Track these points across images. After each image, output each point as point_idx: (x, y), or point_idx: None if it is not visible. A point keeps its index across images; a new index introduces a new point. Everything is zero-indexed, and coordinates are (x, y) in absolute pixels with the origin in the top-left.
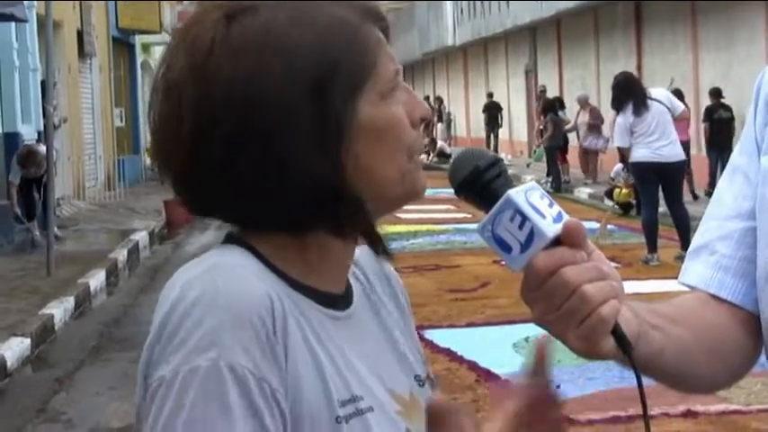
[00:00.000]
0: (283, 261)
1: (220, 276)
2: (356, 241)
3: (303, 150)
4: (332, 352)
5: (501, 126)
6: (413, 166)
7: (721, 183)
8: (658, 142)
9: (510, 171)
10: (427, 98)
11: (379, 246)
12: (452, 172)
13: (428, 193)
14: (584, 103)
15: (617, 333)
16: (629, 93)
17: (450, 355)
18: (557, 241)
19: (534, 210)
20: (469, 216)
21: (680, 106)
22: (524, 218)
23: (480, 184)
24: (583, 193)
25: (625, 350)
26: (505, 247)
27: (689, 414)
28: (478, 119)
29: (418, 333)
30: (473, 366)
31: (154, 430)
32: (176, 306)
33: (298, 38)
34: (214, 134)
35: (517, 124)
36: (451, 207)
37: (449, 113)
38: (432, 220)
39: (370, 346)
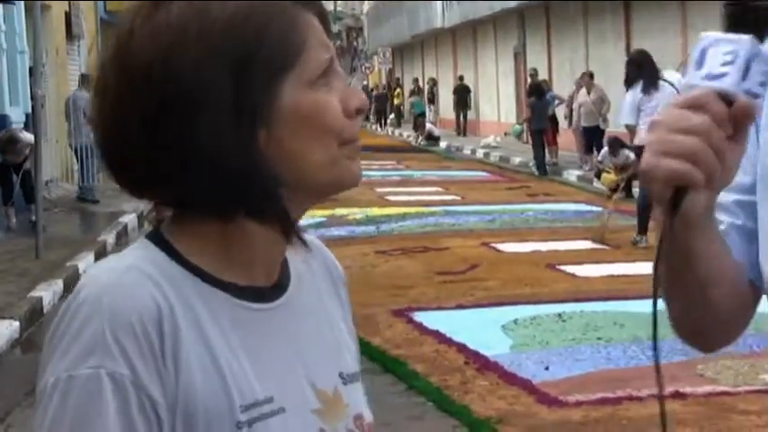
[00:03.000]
0: (201, 256)
1: (112, 284)
2: (285, 234)
3: (218, 130)
4: (241, 352)
5: (470, 108)
6: (344, 154)
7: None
8: None
9: (498, 152)
10: (416, 80)
11: (291, 234)
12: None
13: (417, 174)
14: (588, 82)
15: (682, 195)
16: (640, 70)
17: (439, 337)
18: (729, 102)
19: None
20: (458, 198)
21: None
22: (748, 64)
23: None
24: (572, 175)
25: (676, 204)
26: (715, 73)
27: (677, 395)
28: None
29: (407, 317)
30: (462, 348)
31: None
32: (69, 305)
33: (218, 17)
34: (132, 109)
35: (506, 105)
36: (440, 189)
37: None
38: (420, 202)
39: (298, 338)
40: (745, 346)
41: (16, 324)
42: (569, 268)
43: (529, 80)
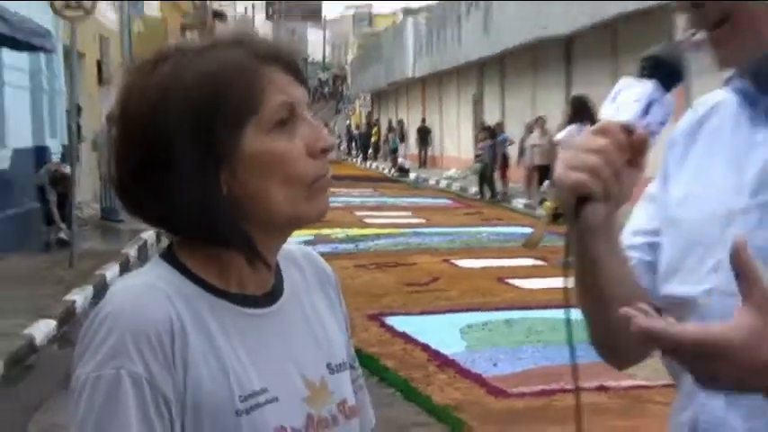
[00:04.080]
0: (206, 272)
1: (131, 300)
2: (248, 261)
3: (190, 175)
4: (241, 350)
5: (430, 144)
6: (310, 192)
7: (637, 205)
8: None
9: (458, 183)
10: (390, 121)
11: (254, 261)
12: (671, 54)
13: (390, 201)
14: (541, 125)
15: (582, 203)
16: (579, 112)
17: (406, 338)
18: (629, 130)
19: (650, 108)
20: (424, 221)
21: None
22: (649, 105)
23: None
24: (519, 203)
25: (578, 212)
26: (622, 108)
27: (602, 388)
28: (436, 139)
29: (380, 321)
30: (425, 348)
31: (73, 424)
32: (97, 315)
33: (190, 78)
34: (128, 157)
35: (465, 144)
36: (409, 213)
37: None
38: (392, 224)
39: (290, 337)
40: None
41: (54, 323)
42: (516, 281)
43: (484, 123)
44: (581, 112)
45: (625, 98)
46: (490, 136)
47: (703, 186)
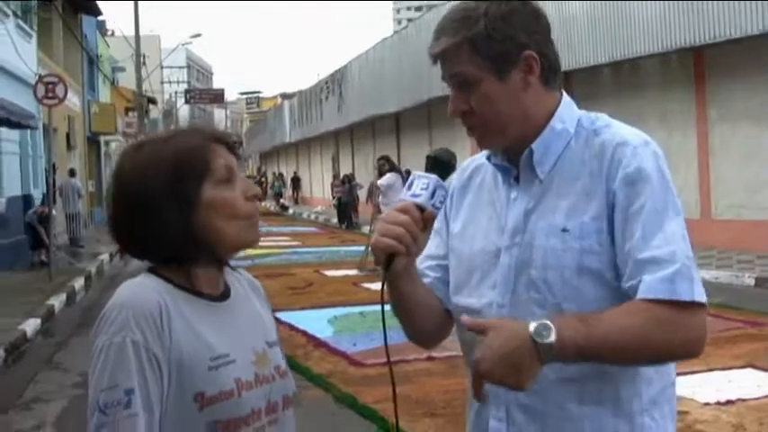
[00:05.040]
0: (178, 279)
1: (132, 293)
2: (218, 269)
3: (168, 219)
4: (208, 328)
5: (301, 189)
6: (247, 224)
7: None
8: None
9: (323, 216)
10: (274, 173)
11: (222, 268)
12: (445, 157)
13: (275, 229)
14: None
15: (391, 258)
16: (394, 167)
17: (291, 327)
18: (422, 209)
19: (424, 187)
20: (300, 243)
21: None
22: (434, 191)
23: (446, 169)
24: (366, 229)
25: (388, 264)
26: (416, 193)
27: (430, 358)
28: (307, 186)
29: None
30: (304, 334)
31: (93, 375)
32: (110, 306)
33: (164, 156)
34: (118, 210)
35: (326, 189)
36: (289, 238)
37: (294, 179)
38: (278, 245)
39: (240, 321)
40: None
41: (39, 321)
42: (366, 285)
43: (341, 174)
44: (393, 166)
45: (417, 186)
46: (348, 182)
47: (475, 228)
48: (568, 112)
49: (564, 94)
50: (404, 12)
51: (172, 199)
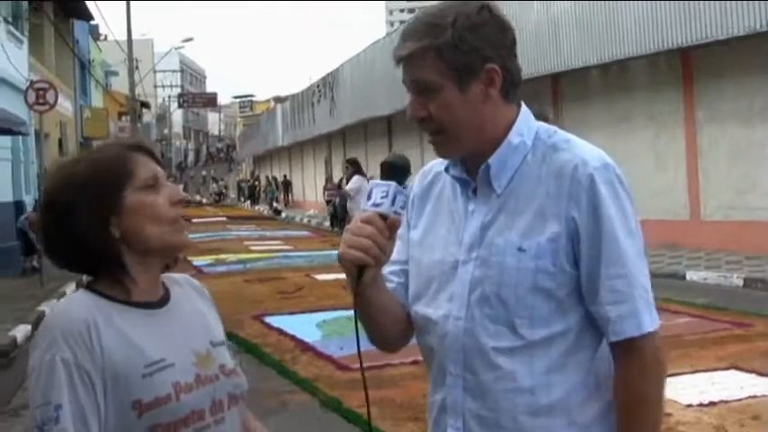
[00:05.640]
0: (111, 290)
1: (60, 312)
2: (147, 274)
3: (91, 226)
4: (143, 337)
5: (292, 192)
6: (172, 229)
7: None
8: None
9: (315, 219)
10: (267, 177)
11: (125, 283)
12: (400, 162)
13: (268, 233)
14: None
15: (362, 270)
16: (359, 169)
17: (279, 331)
18: (385, 218)
19: (390, 196)
20: (292, 247)
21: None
22: (395, 197)
23: (403, 173)
24: None
25: (359, 275)
26: (377, 202)
27: (415, 362)
28: (299, 189)
29: (261, 320)
30: (293, 338)
31: (30, 393)
32: (41, 326)
33: (83, 168)
34: (45, 222)
35: (319, 193)
36: (281, 242)
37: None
38: (270, 249)
39: (181, 325)
40: None
41: (29, 327)
42: None
43: (333, 177)
44: (359, 168)
45: (377, 195)
46: (338, 187)
47: (434, 238)
48: (526, 124)
49: (523, 105)
50: (396, 14)
51: (92, 207)
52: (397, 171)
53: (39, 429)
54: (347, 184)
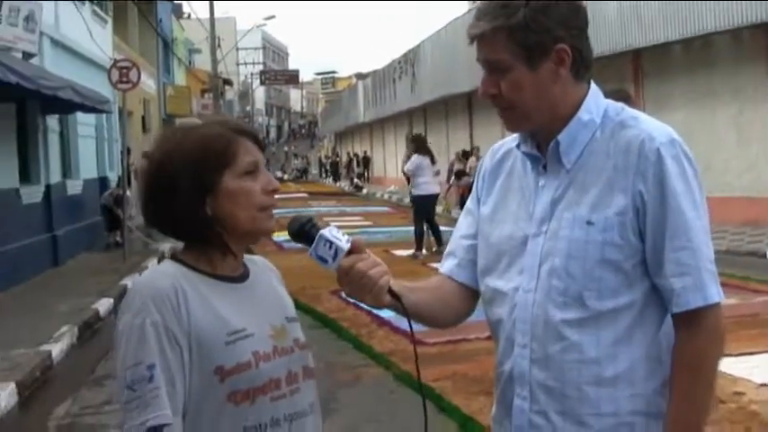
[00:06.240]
0: (198, 263)
1: (148, 279)
2: (222, 254)
3: (187, 202)
4: (225, 307)
5: (372, 168)
6: (263, 216)
7: (461, 216)
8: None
9: (396, 196)
10: (348, 153)
11: (227, 253)
12: (289, 230)
13: (348, 209)
14: (476, 153)
15: (392, 292)
16: (421, 147)
17: (357, 306)
18: (350, 251)
19: (335, 238)
20: (371, 223)
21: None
22: (330, 243)
23: (304, 232)
24: (438, 209)
25: (398, 299)
26: (324, 261)
27: (489, 338)
28: (380, 165)
29: (338, 295)
30: (369, 313)
31: (118, 356)
32: (129, 292)
33: (188, 144)
34: (146, 190)
35: (398, 169)
36: (361, 218)
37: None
38: (350, 225)
39: (259, 300)
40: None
41: (112, 300)
42: (433, 264)
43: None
44: (419, 146)
45: (323, 251)
46: None
47: (504, 213)
48: (595, 102)
49: (592, 84)
50: None
51: (193, 184)
52: (421, 144)
53: (129, 389)
54: (406, 163)
